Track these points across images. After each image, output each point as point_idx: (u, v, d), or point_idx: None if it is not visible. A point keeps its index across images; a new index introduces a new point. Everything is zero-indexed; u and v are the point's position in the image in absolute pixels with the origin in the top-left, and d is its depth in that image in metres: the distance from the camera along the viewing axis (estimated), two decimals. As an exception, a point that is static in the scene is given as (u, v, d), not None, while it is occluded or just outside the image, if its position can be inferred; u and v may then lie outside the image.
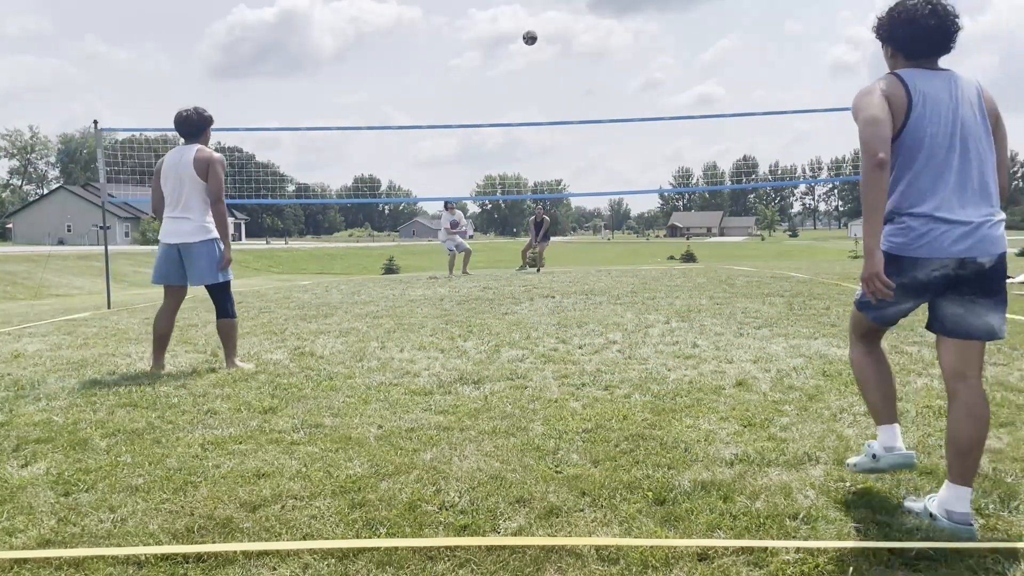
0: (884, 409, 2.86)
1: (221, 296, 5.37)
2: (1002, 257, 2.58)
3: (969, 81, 2.72)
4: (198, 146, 5.29)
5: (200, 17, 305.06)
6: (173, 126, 5.36)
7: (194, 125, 5.33)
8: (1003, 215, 2.64)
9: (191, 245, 5.22)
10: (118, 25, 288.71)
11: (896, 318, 2.79)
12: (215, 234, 5.26)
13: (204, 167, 5.19)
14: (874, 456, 2.83)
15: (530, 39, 10.83)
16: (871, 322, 2.87)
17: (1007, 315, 2.74)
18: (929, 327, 2.73)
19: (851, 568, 2.30)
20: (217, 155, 5.27)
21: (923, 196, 2.57)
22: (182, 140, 5.41)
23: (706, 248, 59.77)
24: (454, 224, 16.14)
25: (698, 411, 4.00)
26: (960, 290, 2.59)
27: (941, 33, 2.65)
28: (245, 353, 5.95)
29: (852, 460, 3.02)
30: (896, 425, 2.85)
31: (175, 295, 5.44)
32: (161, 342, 5.40)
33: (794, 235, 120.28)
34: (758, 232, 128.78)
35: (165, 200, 5.31)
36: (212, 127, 5.48)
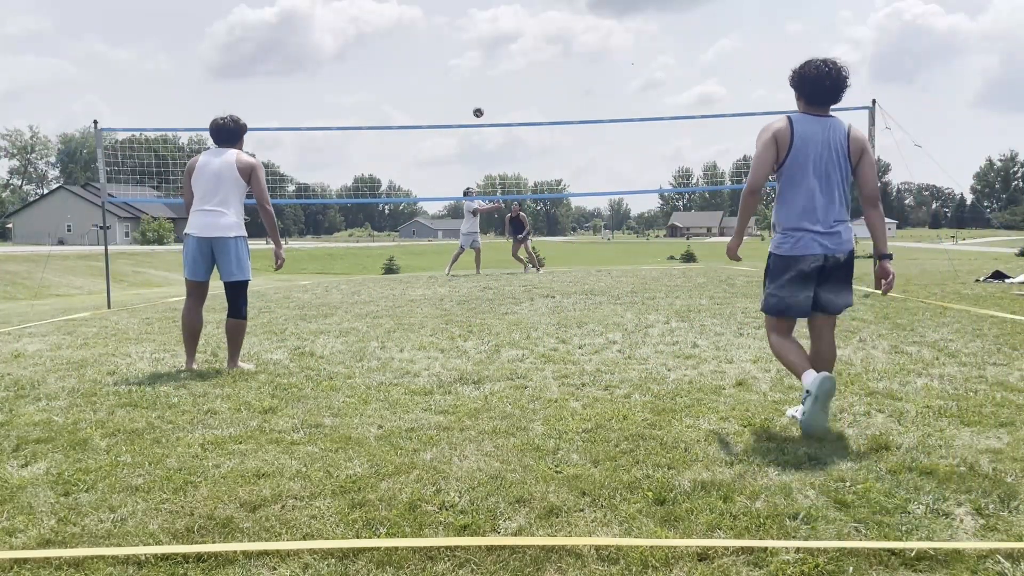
0: (803, 365, 3.67)
1: (238, 295, 5.41)
2: (851, 253, 3.69)
3: (841, 125, 3.67)
4: (237, 150, 5.39)
5: (201, 17, 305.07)
6: (209, 133, 5.46)
7: (231, 132, 5.44)
8: (850, 223, 3.71)
9: (226, 240, 5.27)
10: (119, 25, 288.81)
11: (803, 307, 3.71)
12: (245, 233, 5.37)
13: (248, 171, 5.30)
14: (808, 392, 3.49)
15: (477, 113, 12.01)
16: (782, 319, 3.78)
17: (1009, 314, 2.91)
18: (813, 310, 3.74)
19: (851, 568, 2.30)
20: (258, 161, 5.41)
21: (799, 212, 3.61)
22: (211, 145, 5.50)
23: (706, 248, 59.75)
24: (474, 212, 15.17)
25: (698, 411, 4.00)
26: (830, 279, 3.64)
27: (834, 91, 3.61)
28: (245, 353, 5.95)
29: (795, 414, 3.71)
30: (812, 370, 3.61)
31: (201, 291, 5.50)
32: (194, 339, 5.46)
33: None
34: (758, 232, 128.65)
35: (196, 195, 5.33)
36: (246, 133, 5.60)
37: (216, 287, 5.67)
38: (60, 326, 7.99)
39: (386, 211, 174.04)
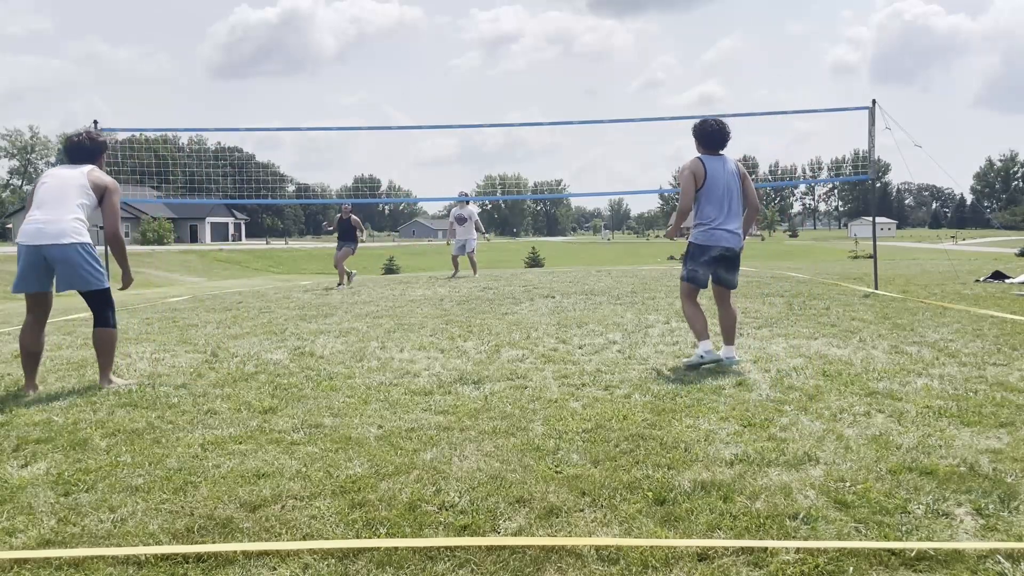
0: (703, 331, 5.13)
1: (99, 304, 4.87)
2: (740, 248, 5.27)
3: (731, 160, 5.29)
4: (92, 166, 4.94)
5: (202, 17, 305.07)
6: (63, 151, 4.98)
7: (87, 151, 4.97)
8: (741, 230, 5.25)
9: (65, 247, 4.67)
10: (120, 25, 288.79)
11: (707, 280, 5.29)
12: (88, 239, 4.77)
13: (101, 187, 4.83)
14: (701, 356, 5.03)
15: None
16: (695, 287, 5.26)
17: (1009, 314, 2.85)
18: (715, 283, 5.36)
19: (851, 568, 2.30)
20: (117, 185, 4.94)
21: (710, 218, 5.17)
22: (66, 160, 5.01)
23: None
24: (460, 219, 14.69)
25: (698, 411, 4.00)
26: (726, 264, 5.26)
27: (720, 140, 5.26)
28: (246, 353, 5.95)
29: (684, 361, 5.17)
30: (709, 340, 5.10)
31: (40, 304, 4.91)
32: (33, 361, 4.84)
33: (794, 235, 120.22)
34: (758, 232, 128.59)
35: (34, 204, 4.81)
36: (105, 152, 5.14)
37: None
38: (60, 326, 7.99)
39: (386, 211, 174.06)
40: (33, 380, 4.79)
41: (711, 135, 5.23)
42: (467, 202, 15.09)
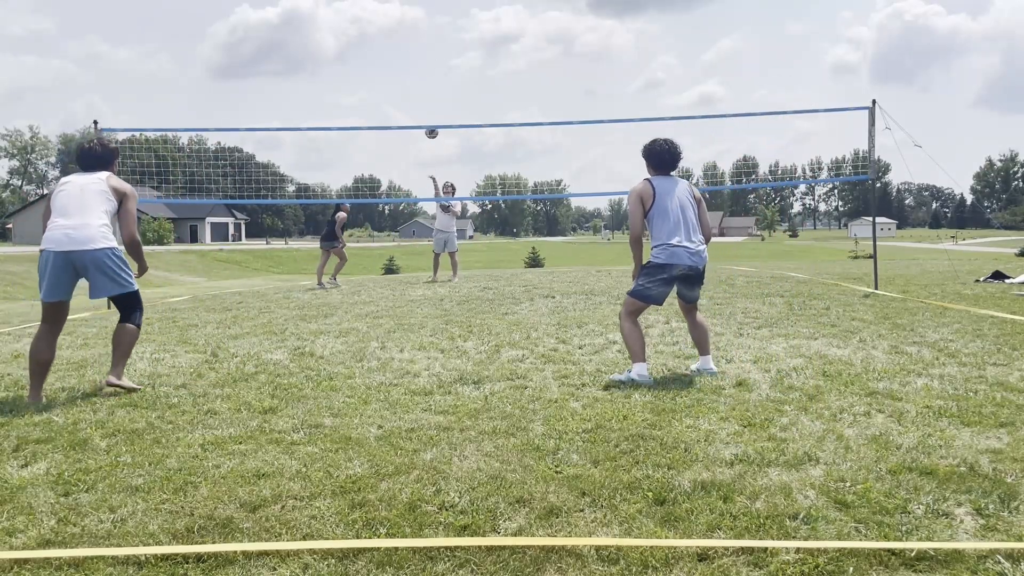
0: (640, 353, 4.85)
1: (127, 306, 4.90)
2: (704, 267, 5.04)
3: (683, 181, 5.17)
4: (109, 172, 5.03)
5: (202, 17, 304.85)
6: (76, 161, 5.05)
7: (99, 157, 5.06)
8: (704, 245, 5.02)
9: (94, 252, 4.71)
10: (120, 25, 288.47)
11: (662, 299, 5.01)
12: (114, 243, 4.83)
13: (120, 192, 4.90)
14: (632, 378, 4.73)
15: (431, 133, 11.64)
16: (645, 305, 5.03)
17: (1009, 314, 2.84)
18: (678, 298, 5.14)
19: (851, 568, 2.30)
20: (134, 190, 5.00)
21: (667, 236, 4.92)
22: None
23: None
24: (444, 208, 13.47)
25: (698, 411, 4.00)
26: (687, 282, 5.01)
27: (671, 161, 5.12)
28: (246, 353, 5.95)
29: (613, 376, 4.87)
30: (645, 364, 4.82)
31: (57, 314, 4.89)
32: (42, 371, 4.72)
33: (794, 235, 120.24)
34: (758, 232, 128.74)
35: (54, 211, 4.80)
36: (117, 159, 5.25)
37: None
38: (60, 326, 7.99)
39: (386, 211, 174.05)
40: (39, 391, 4.62)
41: (660, 155, 5.06)
42: (451, 200, 13.46)
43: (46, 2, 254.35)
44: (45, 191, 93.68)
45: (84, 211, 4.74)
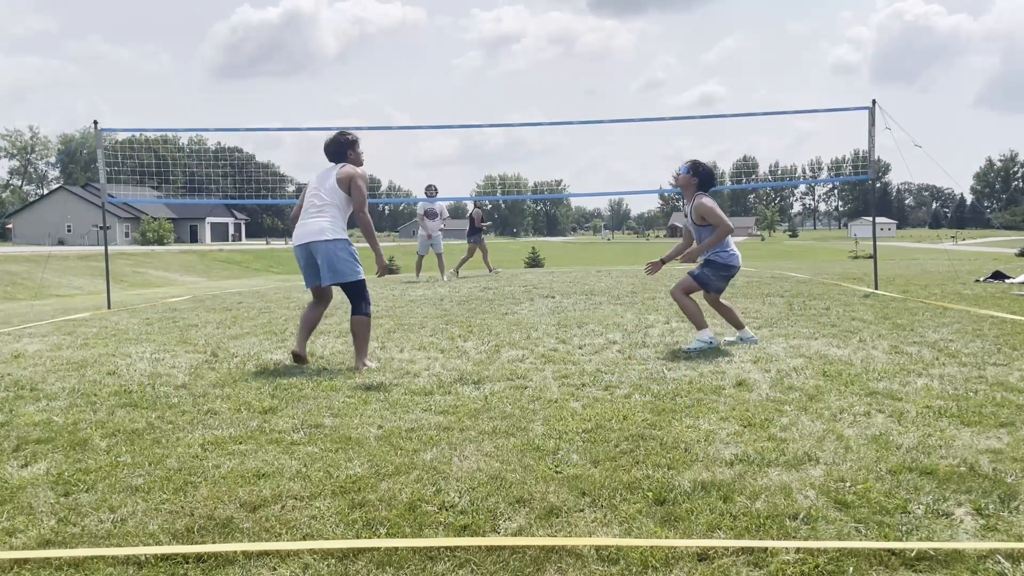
0: (702, 321, 5.92)
1: (353, 295, 5.46)
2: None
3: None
4: (344, 163, 5.55)
5: (203, 17, 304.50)
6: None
7: (336, 150, 5.59)
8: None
9: (319, 244, 5.38)
10: (121, 25, 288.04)
11: (720, 290, 6.13)
12: (344, 235, 5.44)
13: (347, 180, 5.44)
14: (709, 341, 5.78)
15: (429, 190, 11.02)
16: (699, 288, 6.03)
17: (1009, 314, 2.92)
18: (715, 291, 6.11)
19: (851, 568, 2.30)
20: (358, 171, 5.55)
21: (728, 243, 5.99)
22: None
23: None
24: (431, 214, 13.80)
25: (698, 411, 4.00)
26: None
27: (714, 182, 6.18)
28: (246, 353, 5.95)
29: (687, 347, 5.81)
30: (708, 328, 5.93)
31: (321, 296, 5.72)
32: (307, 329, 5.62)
33: (794, 235, 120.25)
34: (758, 232, 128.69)
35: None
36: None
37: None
38: (60, 326, 7.99)
39: (386, 211, 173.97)
40: (303, 345, 5.44)
41: (713, 177, 6.11)
42: (434, 200, 14.01)
43: (48, 2, 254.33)
44: (45, 191, 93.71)
45: (317, 206, 5.42)
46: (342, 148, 5.55)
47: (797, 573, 2.29)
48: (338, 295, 5.76)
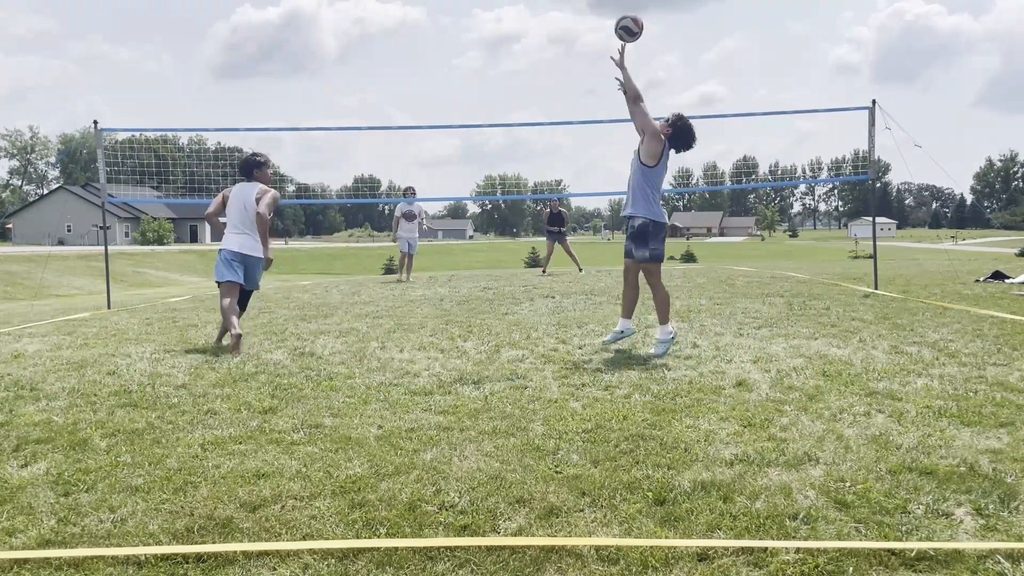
0: (631, 309, 6.00)
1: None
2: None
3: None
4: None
5: (204, 17, 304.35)
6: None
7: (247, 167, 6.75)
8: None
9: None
10: (121, 25, 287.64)
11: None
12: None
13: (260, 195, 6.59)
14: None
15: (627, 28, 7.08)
16: (632, 259, 5.86)
17: (1009, 314, 2.86)
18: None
19: (851, 568, 2.30)
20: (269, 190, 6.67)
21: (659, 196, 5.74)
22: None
23: (706, 248, 59.78)
24: (409, 216, 14.02)
25: (698, 411, 4.00)
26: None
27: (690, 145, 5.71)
28: (246, 353, 5.95)
29: (604, 339, 5.98)
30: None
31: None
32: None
33: (794, 235, 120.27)
34: (758, 232, 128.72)
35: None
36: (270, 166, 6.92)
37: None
38: (60, 326, 7.99)
39: (386, 211, 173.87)
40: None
41: (688, 136, 5.65)
42: (413, 200, 14.23)
43: (48, 2, 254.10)
44: (45, 191, 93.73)
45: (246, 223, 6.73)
46: (249, 168, 6.73)
47: (797, 573, 2.29)
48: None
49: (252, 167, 6.74)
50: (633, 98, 5.60)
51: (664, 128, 5.62)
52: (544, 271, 15.57)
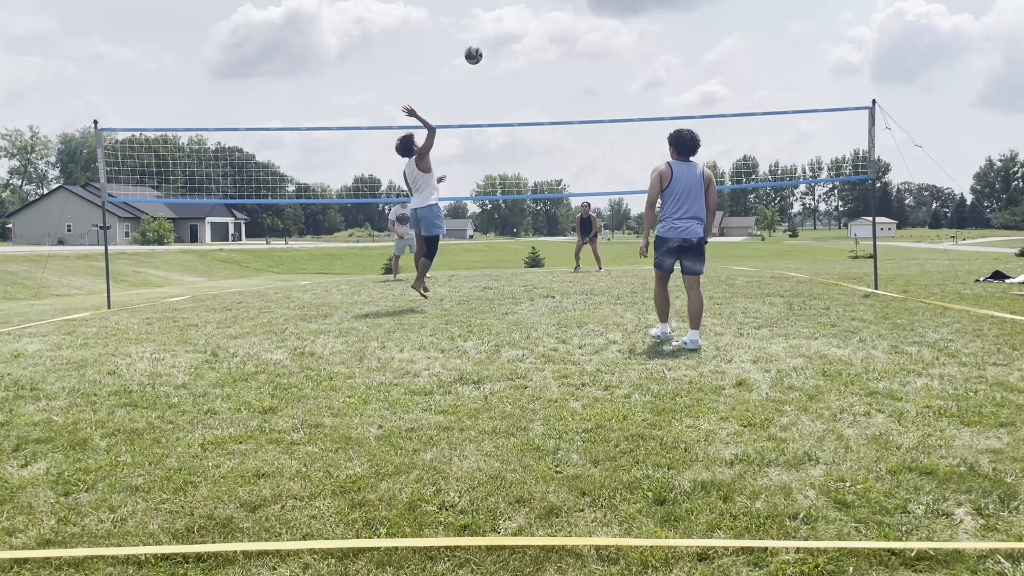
0: (665, 314, 6.33)
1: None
2: (701, 240, 6.14)
3: (698, 165, 6.14)
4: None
5: (205, 17, 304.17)
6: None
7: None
8: (703, 224, 6.15)
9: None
10: (121, 25, 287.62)
11: (672, 267, 6.25)
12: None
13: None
14: (656, 336, 6.23)
15: (472, 56, 9.18)
16: (662, 272, 6.28)
17: (1009, 314, 3.07)
18: (682, 271, 6.24)
19: (851, 568, 2.30)
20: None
21: (672, 212, 6.09)
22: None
23: (706, 248, 59.64)
24: (403, 219, 14.31)
25: (698, 411, 4.00)
26: (685, 254, 6.14)
27: (691, 148, 6.07)
28: (246, 353, 5.95)
29: (653, 332, 6.39)
30: (666, 324, 6.33)
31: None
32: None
33: (794, 235, 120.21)
34: (758, 232, 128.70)
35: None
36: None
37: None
38: (60, 326, 7.99)
39: (386, 211, 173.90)
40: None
41: (685, 145, 6.07)
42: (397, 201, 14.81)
43: (48, 2, 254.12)
44: (45, 191, 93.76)
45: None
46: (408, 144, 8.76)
47: (797, 573, 2.29)
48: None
49: (409, 144, 8.84)
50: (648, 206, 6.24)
51: (663, 167, 6.11)
52: (576, 268, 16.56)
